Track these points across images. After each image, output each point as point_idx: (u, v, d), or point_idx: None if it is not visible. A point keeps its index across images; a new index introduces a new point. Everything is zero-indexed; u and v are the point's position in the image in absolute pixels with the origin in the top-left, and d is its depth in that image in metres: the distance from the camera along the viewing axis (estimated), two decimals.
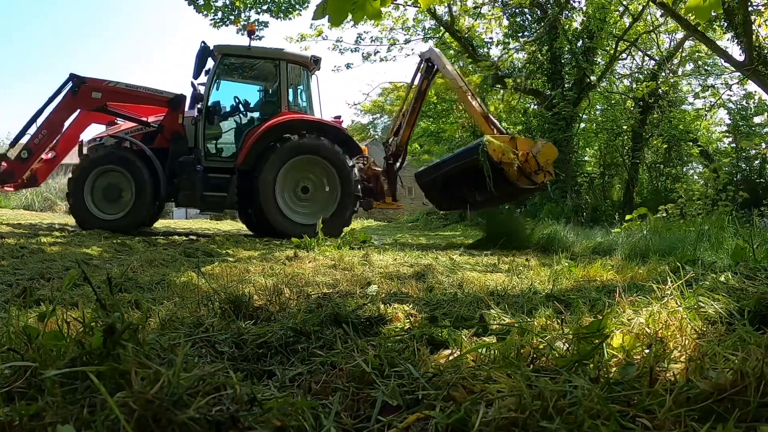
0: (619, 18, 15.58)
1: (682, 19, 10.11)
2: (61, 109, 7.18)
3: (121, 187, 7.07)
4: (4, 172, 7.05)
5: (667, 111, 15.97)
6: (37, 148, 7.10)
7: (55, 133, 7.26)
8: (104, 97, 7.25)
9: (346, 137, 7.64)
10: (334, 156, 7.24)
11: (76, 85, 7.16)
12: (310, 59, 8.04)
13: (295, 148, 7.13)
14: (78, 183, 6.93)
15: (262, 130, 7.25)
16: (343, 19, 2.29)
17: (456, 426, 0.80)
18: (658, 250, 3.81)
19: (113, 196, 7.07)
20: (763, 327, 1.18)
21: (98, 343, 0.86)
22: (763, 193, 11.71)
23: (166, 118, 7.36)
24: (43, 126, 7.10)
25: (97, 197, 7.00)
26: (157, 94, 7.46)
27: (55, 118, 7.17)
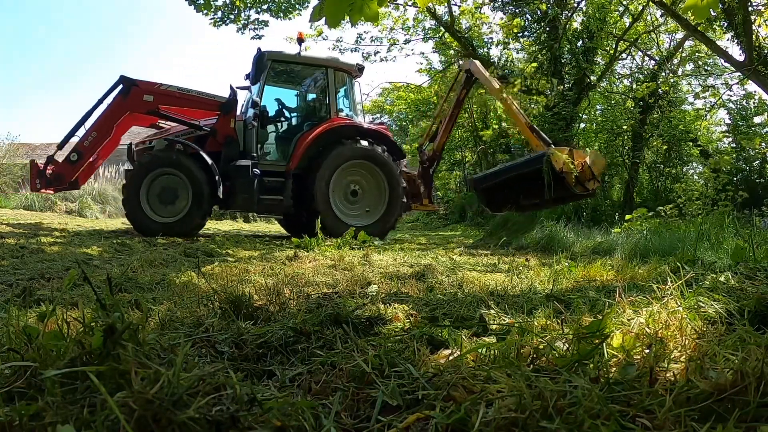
0: (619, 18, 15.58)
1: (681, 19, 10.11)
2: (111, 112, 7.14)
3: (176, 190, 7.01)
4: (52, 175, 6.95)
5: (667, 111, 15.97)
6: (87, 150, 7.04)
7: (105, 136, 7.19)
8: (156, 100, 7.23)
9: (393, 143, 7.91)
10: (383, 161, 7.52)
11: (126, 88, 7.12)
12: (354, 66, 8.31)
13: (347, 153, 7.36)
14: (134, 186, 6.82)
15: (315, 135, 7.43)
16: (339, 20, 2.28)
17: (456, 426, 0.80)
18: (658, 250, 3.81)
19: (169, 200, 6.99)
20: (763, 327, 1.18)
21: (98, 343, 0.86)
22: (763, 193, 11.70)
23: (218, 122, 7.36)
24: (93, 128, 7.06)
25: (152, 200, 6.92)
26: (209, 97, 7.51)
27: (106, 120, 7.13)
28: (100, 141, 7.15)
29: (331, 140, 7.42)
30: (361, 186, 7.67)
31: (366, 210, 7.65)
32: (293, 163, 7.40)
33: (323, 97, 8.01)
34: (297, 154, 7.41)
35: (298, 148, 7.45)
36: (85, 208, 15.25)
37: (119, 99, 7.13)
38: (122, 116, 7.25)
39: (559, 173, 6.63)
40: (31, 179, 7.11)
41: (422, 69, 19.03)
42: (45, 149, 37.52)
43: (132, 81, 7.16)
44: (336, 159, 7.32)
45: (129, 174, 6.98)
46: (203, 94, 7.51)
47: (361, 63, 8.44)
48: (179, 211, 6.97)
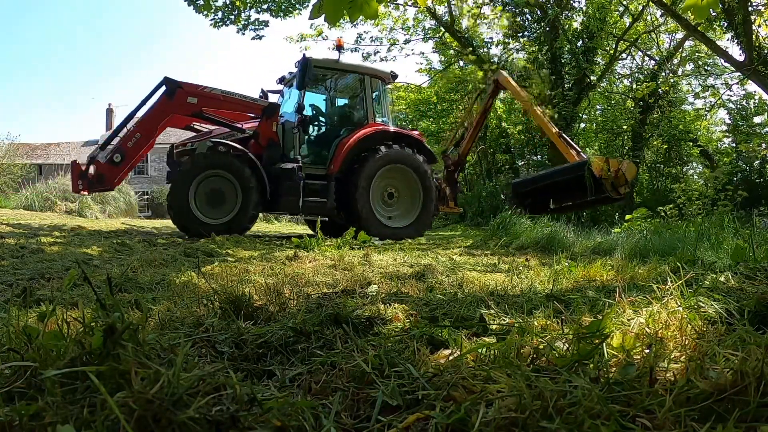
0: (619, 18, 15.58)
1: (681, 19, 10.11)
2: (155, 113, 7.13)
3: (224, 192, 7.02)
4: (94, 176, 6.90)
5: (667, 111, 15.97)
6: (131, 151, 7.00)
7: (150, 137, 7.16)
8: (200, 102, 7.24)
9: (426, 147, 8.21)
10: (418, 165, 7.86)
11: (171, 89, 7.11)
12: (389, 74, 8.62)
13: (386, 158, 7.63)
14: (183, 188, 6.79)
15: (356, 139, 7.64)
16: (339, 17, 2.28)
17: (456, 426, 0.80)
18: (658, 250, 3.81)
19: (217, 201, 7.00)
20: (763, 327, 1.18)
21: (98, 343, 0.86)
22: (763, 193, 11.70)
23: (261, 125, 7.46)
24: (137, 129, 7.03)
25: (200, 202, 6.90)
26: (252, 101, 7.61)
27: (150, 121, 7.11)
28: (144, 142, 7.14)
29: (370, 145, 7.66)
30: (397, 189, 7.94)
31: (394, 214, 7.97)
32: (335, 166, 7.58)
33: (360, 102, 8.27)
34: (338, 158, 7.58)
35: (339, 152, 7.61)
36: (85, 208, 15.25)
37: (164, 100, 7.12)
38: (166, 118, 7.28)
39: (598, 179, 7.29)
40: (73, 180, 7.06)
41: (422, 69, 19.04)
42: (45, 149, 37.56)
43: (176, 83, 7.17)
44: (376, 163, 7.56)
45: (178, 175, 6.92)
46: (246, 98, 7.61)
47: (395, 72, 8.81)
48: (226, 213, 6.99)
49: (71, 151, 35.98)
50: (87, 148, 36.94)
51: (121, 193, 17.94)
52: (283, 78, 8.61)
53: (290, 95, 8.35)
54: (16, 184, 20.18)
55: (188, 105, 7.16)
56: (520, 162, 18.99)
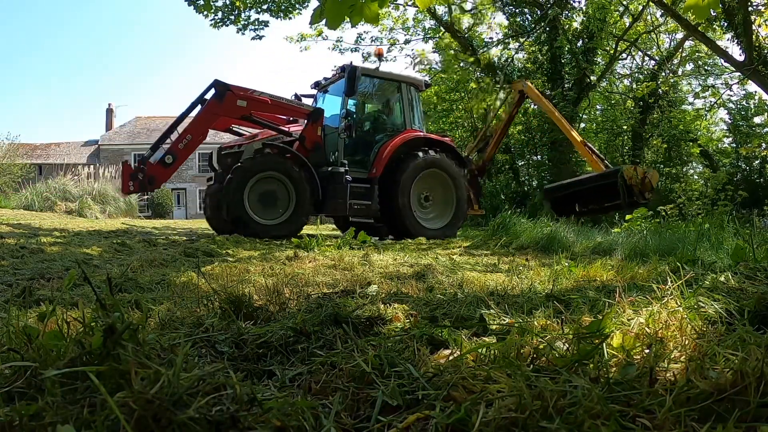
0: (619, 18, 15.58)
1: (682, 19, 10.11)
2: (206, 115, 7.24)
3: (276, 194, 7.20)
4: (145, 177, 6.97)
5: (667, 111, 15.98)
6: (182, 153, 7.10)
7: (200, 139, 7.27)
8: (249, 105, 7.38)
9: (458, 153, 8.68)
10: (453, 170, 8.31)
11: (220, 92, 7.21)
12: (423, 82, 9.16)
13: (424, 163, 8.01)
14: (239, 189, 6.89)
15: (397, 144, 7.99)
16: (340, 22, 2.30)
17: (456, 426, 0.80)
18: (658, 250, 3.80)
19: (269, 202, 7.16)
20: (763, 327, 1.18)
21: (98, 343, 0.86)
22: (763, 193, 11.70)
23: (307, 129, 7.67)
24: (188, 131, 7.14)
25: (253, 203, 7.02)
26: (299, 105, 7.90)
27: (201, 123, 7.25)
28: (195, 144, 7.24)
29: (409, 150, 8.02)
30: (432, 192, 8.32)
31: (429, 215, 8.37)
32: (378, 170, 7.88)
33: (397, 109, 8.67)
34: (381, 162, 7.88)
35: (381, 157, 7.93)
36: (85, 208, 15.25)
37: (214, 103, 7.24)
38: (216, 120, 7.40)
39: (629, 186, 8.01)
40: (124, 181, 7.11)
41: (422, 69, 19.03)
42: (45, 149, 37.55)
43: (226, 85, 7.27)
44: (415, 167, 7.92)
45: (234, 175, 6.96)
46: (292, 102, 7.90)
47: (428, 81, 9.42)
48: (278, 215, 7.16)
49: (71, 151, 35.99)
50: (87, 148, 36.99)
51: None
52: (318, 83, 8.86)
53: (324, 100, 8.68)
54: (16, 184, 20.19)
55: (237, 108, 7.30)
56: (520, 162, 18.98)
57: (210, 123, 7.36)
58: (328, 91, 8.68)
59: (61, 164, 26.79)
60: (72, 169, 18.66)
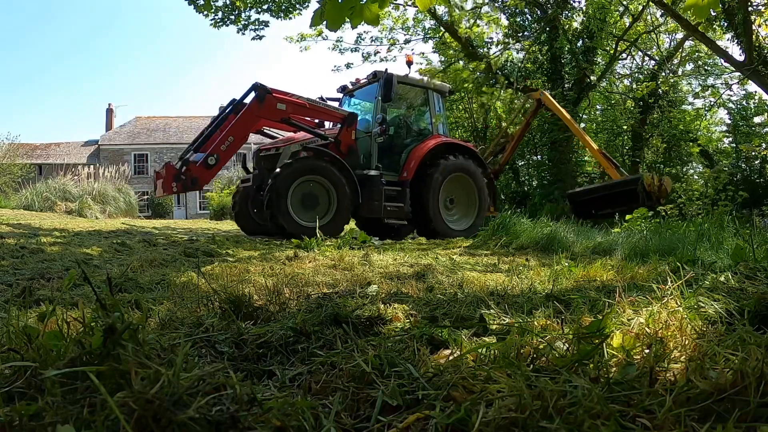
0: (619, 18, 15.58)
1: (682, 19, 10.11)
2: (247, 118, 7.35)
3: (317, 196, 7.40)
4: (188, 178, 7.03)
5: (667, 111, 15.97)
6: (224, 154, 7.18)
7: (242, 141, 7.37)
8: (288, 108, 7.54)
9: (480, 158, 9.08)
10: (476, 174, 8.73)
11: (261, 95, 7.34)
12: (448, 89, 9.77)
13: (452, 167, 8.41)
14: (283, 191, 7.04)
15: (427, 149, 8.32)
16: (340, 24, 2.31)
17: (456, 426, 0.80)
18: (658, 250, 3.80)
19: (310, 204, 7.34)
20: (763, 327, 1.18)
21: (98, 343, 0.86)
22: (763, 193, 11.71)
23: (342, 133, 7.86)
24: (230, 132, 7.22)
25: (295, 205, 7.18)
26: (334, 110, 8.08)
27: (242, 126, 7.34)
28: (237, 145, 7.31)
29: (437, 155, 8.36)
30: (456, 195, 8.71)
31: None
32: (409, 174, 8.17)
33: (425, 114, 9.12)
34: (412, 166, 8.19)
35: (411, 161, 8.25)
36: (85, 208, 15.25)
37: (255, 105, 7.34)
38: (257, 122, 7.54)
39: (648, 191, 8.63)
40: (167, 182, 7.14)
41: (422, 69, 19.02)
42: (45, 149, 37.56)
43: (266, 89, 7.42)
44: (444, 171, 8.29)
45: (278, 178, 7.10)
46: (328, 106, 8.09)
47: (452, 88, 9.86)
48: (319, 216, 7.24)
49: (71, 151, 35.99)
50: (87, 148, 36.99)
51: (121, 193, 17.94)
52: (345, 87, 9.18)
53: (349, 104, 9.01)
54: (16, 184, 20.19)
55: (277, 111, 7.45)
56: (520, 162, 18.97)
57: (251, 125, 7.50)
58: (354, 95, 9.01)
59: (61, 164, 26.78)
60: (72, 169, 18.67)
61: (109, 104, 38.69)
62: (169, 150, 36.69)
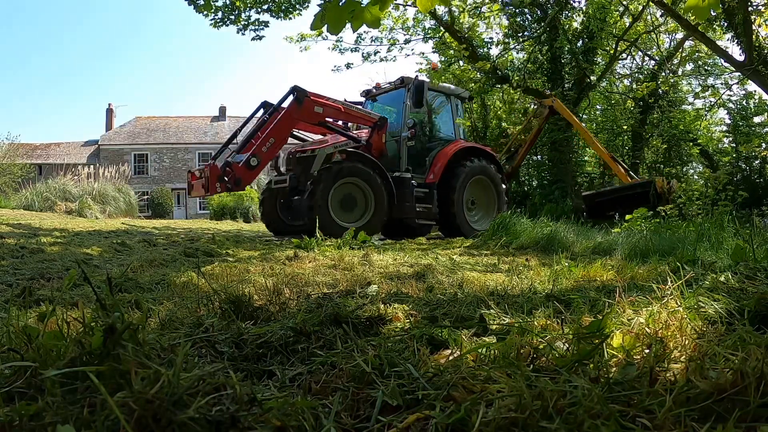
0: (619, 18, 15.57)
1: (682, 19, 10.11)
2: (286, 120, 7.53)
3: (355, 197, 7.71)
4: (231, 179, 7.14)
5: (667, 111, 15.97)
6: (266, 155, 7.34)
7: (282, 142, 7.57)
8: (325, 111, 7.78)
9: (497, 161, 9.57)
10: (495, 177, 9.22)
11: (299, 98, 7.53)
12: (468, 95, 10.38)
13: (474, 170, 8.84)
14: (324, 193, 7.25)
15: (451, 153, 8.70)
16: (341, 27, 2.31)
17: (456, 426, 0.80)
18: (658, 250, 3.80)
19: (349, 205, 7.65)
20: (763, 327, 1.18)
21: (98, 343, 0.86)
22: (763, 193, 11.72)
23: (373, 137, 8.21)
24: (270, 134, 7.37)
25: (334, 207, 7.42)
26: (366, 113, 8.38)
27: (282, 127, 7.51)
28: (278, 146, 7.49)
29: (460, 158, 8.77)
30: (476, 196, 9.14)
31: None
32: (435, 176, 8.53)
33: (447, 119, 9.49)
34: (438, 169, 8.55)
35: (437, 164, 8.61)
36: (85, 208, 15.25)
37: (294, 108, 7.54)
38: (296, 124, 7.75)
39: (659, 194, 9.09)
40: (211, 182, 7.24)
41: (422, 69, 19.01)
42: (45, 149, 37.56)
43: (304, 92, 7.60)
44: (467, 174, 8.71)
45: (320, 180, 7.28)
46: (361, 110, 8.34)
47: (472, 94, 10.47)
48: (357, 217, 7.64)
49: (71, 151, 35.98)
50: (87, 148, 36.98)
51: (121, 193, 17.95)
52: (369, 91, 9.57)
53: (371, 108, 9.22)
54: (16, 184, 20.19)
55: (315, 114, 7.71)
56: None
57: (291, 127, 7.70)
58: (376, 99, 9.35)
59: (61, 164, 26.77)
60: (72, 169, 18.67)
61: (109, 104, 38.68)
62: (168, 150, 36.71)
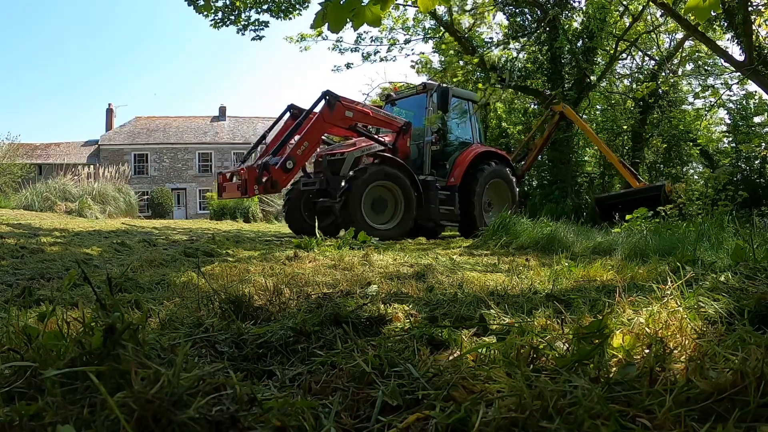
0: (619, 18, 15.57)
1: (682, 19, 10.11)
2: (319, 124, 7.65)
3: (386, 200, 7.95)
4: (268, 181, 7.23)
5: (667, 111, 15.97)
6: (300, 158, 7.47)
7: (316, 145, 7.74)
8: (355, 116, 7.94)
9: (512, 165, 10.01)
10: (510, 179, 9.61)
11: (331, 102, 7.66)
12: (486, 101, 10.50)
13: (492, 173, 9.21)
14: (357, 196, 7.43)
15: (471, 157, 9.03)
16: (342, 26, 2.32)
17: (456, 426, 0.80)
18: (658, 250, 3.80)
19: (380, 208, 7.89)
20: (763, 327, 1.18)
21: (98, 343, 0.86)
22: (763, 193, 11.73)
23: (399, 141, 8.42)
24: (305, 138, 7.49)
25: (366, 209, 7.60)
26: (393, 118, 8.58)
27: (315, 131, 7.64)
28: (311, 150, 7.68)
29: (479, 162, 9.09)
30: (492, 198, 9.43)
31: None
32: (457, 179, 8.85)
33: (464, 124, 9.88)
34: (459, 172, 8.86)
35: (457, 167, 8.92)
36: (85, 208, 15.25)
37: (326, 112, 7.67)
38: (327, 128, 7.92)
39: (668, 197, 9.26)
40: (249, 185, 7.33)
41: (422, 69, 19.01)
42: (45, 149, 37.55)
43: (336, 96, 7.74)
44: (486, 177, 9.03)
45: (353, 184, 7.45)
46: (388, 115, 8.62)
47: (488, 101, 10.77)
48: (387, 219, 7.88)
49: (71, 151, 35.97)
50: (87, 148, 36.97)
51: (121, 193, 17.95)
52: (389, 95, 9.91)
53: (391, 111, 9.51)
54: (16, 184, 20.18)
55: (346, 118, 7.83)
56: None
57: (323, 131, 7.88)
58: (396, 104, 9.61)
59: (61, 164, 26.77)
60: (72, 169, 18.67)
61: (109, 104, 38.66)
62: (168, 150, 36.71)
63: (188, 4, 11.66)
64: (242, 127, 39.25)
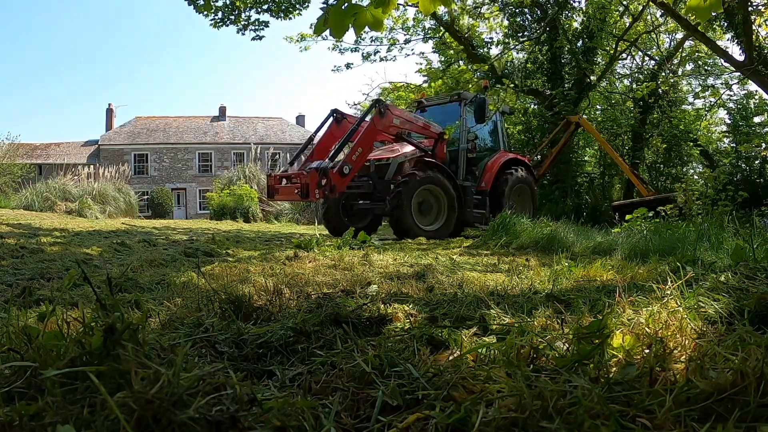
0: (619, 18, 15.57)
1: (682, 19, 10.11)
2: (371, 130, 8.01)
3: (431, 203, 8.39)
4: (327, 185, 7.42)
5: (667, 111, 15.97)
6: (355, 163, 7.77)
7: (368, 151, 8.09)
8: (401, 123, 8.34)
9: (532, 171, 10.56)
10: (532, 184, 10.25)
11: (381, 110, 8.05)
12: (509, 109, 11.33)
13: (518, 179, 9.74)
14: (407, 199, 7.82)
15: (500, 163, 9.59)
16: (344, 31, 2.31)
17: (456, 426, 0.80)
18: (658, 250, 3.79)
19: (425, 210, 8.32)
20: (763, 327, 1.18)
21: (98, 343, 0.86)
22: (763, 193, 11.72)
23: (437, 147, 8.87)
24: (359, 144, 7.83)
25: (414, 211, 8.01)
26: (432, 126, 8.93)
27: (368, 137, 7.99)
28: (365, 156, 8.00)
29: (506, 168, 9.66)
30: (515, 202, 9.79)
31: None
32: (487, 184, 9.39)
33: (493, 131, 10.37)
34: (489, 178, 9.40)
35: (487, 173, 9.45)
36: (85, 208, 15.25)
37: (378, 120, 8.01)
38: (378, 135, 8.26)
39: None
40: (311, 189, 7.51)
41: (422, 69, 19.01)
42: (45, 149, 37.55)
43: (385, 104, 8.26)
44: (513, 182, 9.60)
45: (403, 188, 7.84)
46: (429, 122, 8.95)
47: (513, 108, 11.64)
48: (431, 221, 8.35)
49: (71, 151, 35.98)
50: (87, 148, 36.98)
51: (121, 193, 17.95)
52: (420, 102, 10.38)
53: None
54: (16, 184, 20.19)
55: (394, 126, 8.22)
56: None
57: (375, 137, 8.22)
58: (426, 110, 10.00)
59: (61, 164, 26.76)
60: (72, 169, 18.68)
61: (109, 104, 38.67)
62: (168, 150, 36.72)
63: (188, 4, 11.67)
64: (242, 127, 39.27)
